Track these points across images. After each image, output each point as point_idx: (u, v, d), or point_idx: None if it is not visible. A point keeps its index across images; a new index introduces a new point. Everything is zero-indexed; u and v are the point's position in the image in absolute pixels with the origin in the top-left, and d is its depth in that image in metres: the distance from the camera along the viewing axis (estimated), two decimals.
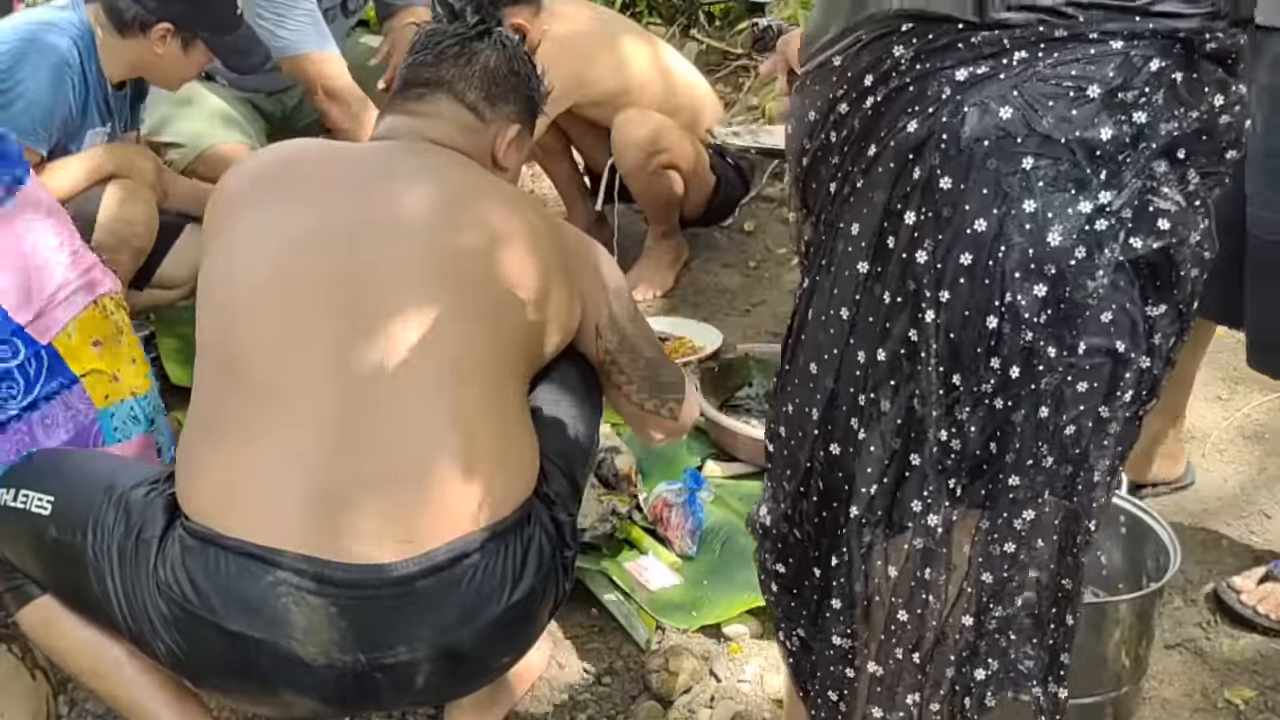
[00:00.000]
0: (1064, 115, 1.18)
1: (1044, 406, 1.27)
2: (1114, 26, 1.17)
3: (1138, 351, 1.26)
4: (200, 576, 1.63)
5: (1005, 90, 1.19)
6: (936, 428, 1.31)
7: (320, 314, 1.72)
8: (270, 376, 1.70)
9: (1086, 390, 1.26)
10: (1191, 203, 1.24)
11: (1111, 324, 1.24)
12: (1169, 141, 1.21)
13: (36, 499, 1.79)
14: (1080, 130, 1.18)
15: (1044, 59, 1.18)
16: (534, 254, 1.83)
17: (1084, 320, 1.23)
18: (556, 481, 1.83)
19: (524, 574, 1.70)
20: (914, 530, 1.36)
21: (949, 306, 1.25)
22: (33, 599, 1.83)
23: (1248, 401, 2.97)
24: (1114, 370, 1.26)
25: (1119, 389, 1.27)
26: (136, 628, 1.70)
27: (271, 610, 1.61)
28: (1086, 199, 1.20)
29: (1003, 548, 1.35)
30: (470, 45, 1.98)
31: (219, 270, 1.80)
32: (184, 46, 2.76)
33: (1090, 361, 1.25)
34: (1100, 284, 1.21)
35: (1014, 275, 1.21)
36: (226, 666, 1.68)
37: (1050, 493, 1.33)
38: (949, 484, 1.33)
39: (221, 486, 1.67)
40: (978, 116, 1.19)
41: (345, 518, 1.62)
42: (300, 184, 1.87)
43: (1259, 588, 2.31)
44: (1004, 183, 1.20)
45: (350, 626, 1.62)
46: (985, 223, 1.21)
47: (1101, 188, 1.20)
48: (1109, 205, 1.20)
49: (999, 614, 1.38)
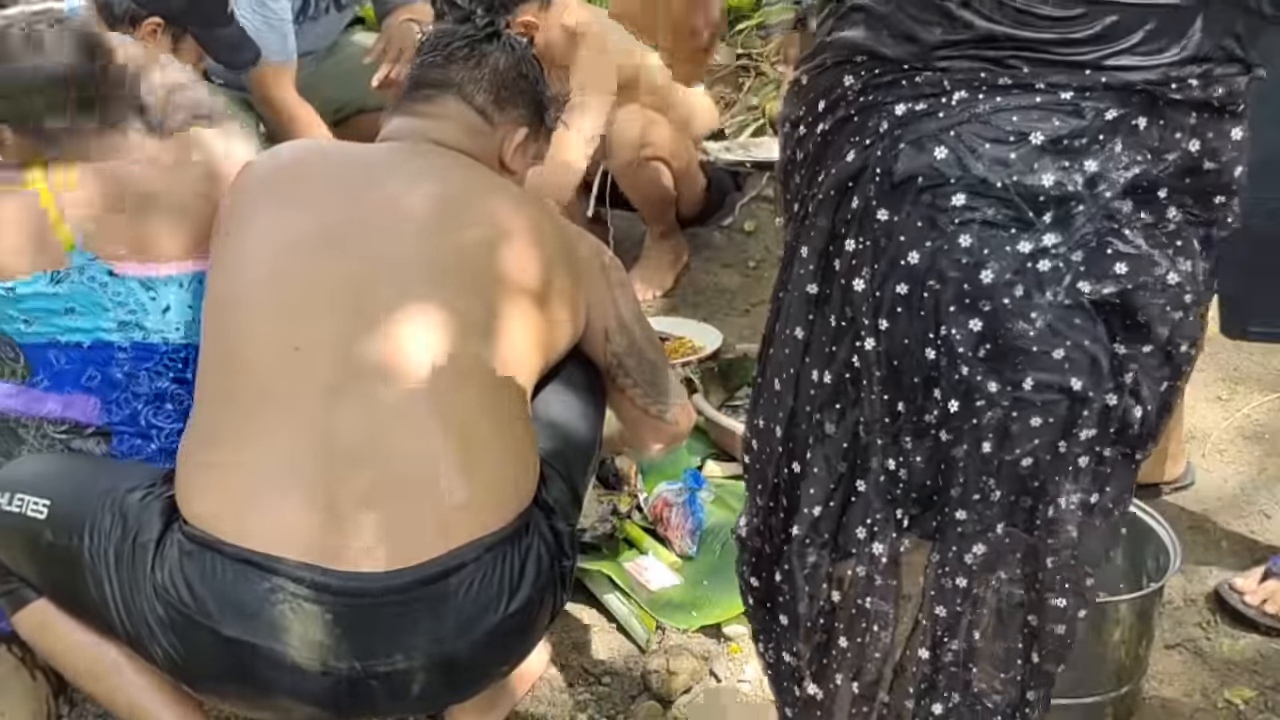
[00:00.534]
0: (1000, 159, 1.18)
1: (986, 441, 1.26)
2: (1061, 79, 1.17)
3: (1098, 389, 1.25)
4: (197, 581, 1.63)
5: (941, 129, 1.20)
6: (882, 455, 1.31)
7: (319, 317, 1.72)
8: (269, 380, 1.70)
9: (1040, 425, 1.25)
10: (1172, 242, 1.23)
11: (1065, 361, 1.23)
12: (1134, 183, 1.20)
13: (32, 503, 1.78)
14: (1018, 175, 1.18)
15: (984, 102, 1.18)
16: (537, 255, 1.83)
17: (1029, 357, 1.22)
18: (556, 488, 1.83)
19: (521, 584, 1.70)
20: (857, 557, 1.36)
21: (889, 334, 1.26)
22: (28, 603, 1.84)
23: (1248, 401, 2.97)
24: (1071, 407, 1.25)
25: (1077, 426, 1.26)
26: (134, 631, 1.70)
27: (268, 616, 1.61)
28: (1028, 240, 1.19)
29: (954, 581, 1.34)
30: (479, 47, 1.98)
31: (221, 272, 1.80)
32: (174, 42, 2.75)
33: (1041, 397, 1.24)
34: (1037, 324, 1.21)
35: (949, 309, 1.22)
36: (223, 671, 1.67)
37: (1005, 526, 1.32)
38: (896, 514, 1.33)
39: (219, 491, 1.67)
40: (912, 153, 1.21)
41: (343, 525, 1.62)
42: (304, 186, 1.87)
43: (1261, 587, 2.30)
44: (938, 218, 1.20)
45: (346, 634, 1.62)
46: (918, 255, 1.22)
47: (1047, 230, 1.19)
48: (1054, 248, 1.20)
49: (955, 647, 1.37)
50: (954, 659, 1.37)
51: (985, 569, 1.33)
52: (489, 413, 1.73)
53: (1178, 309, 1.24)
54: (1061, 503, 1.30)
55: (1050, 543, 1.32)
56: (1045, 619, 1.36)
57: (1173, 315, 1.24)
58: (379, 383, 1.68)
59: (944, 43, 1.19)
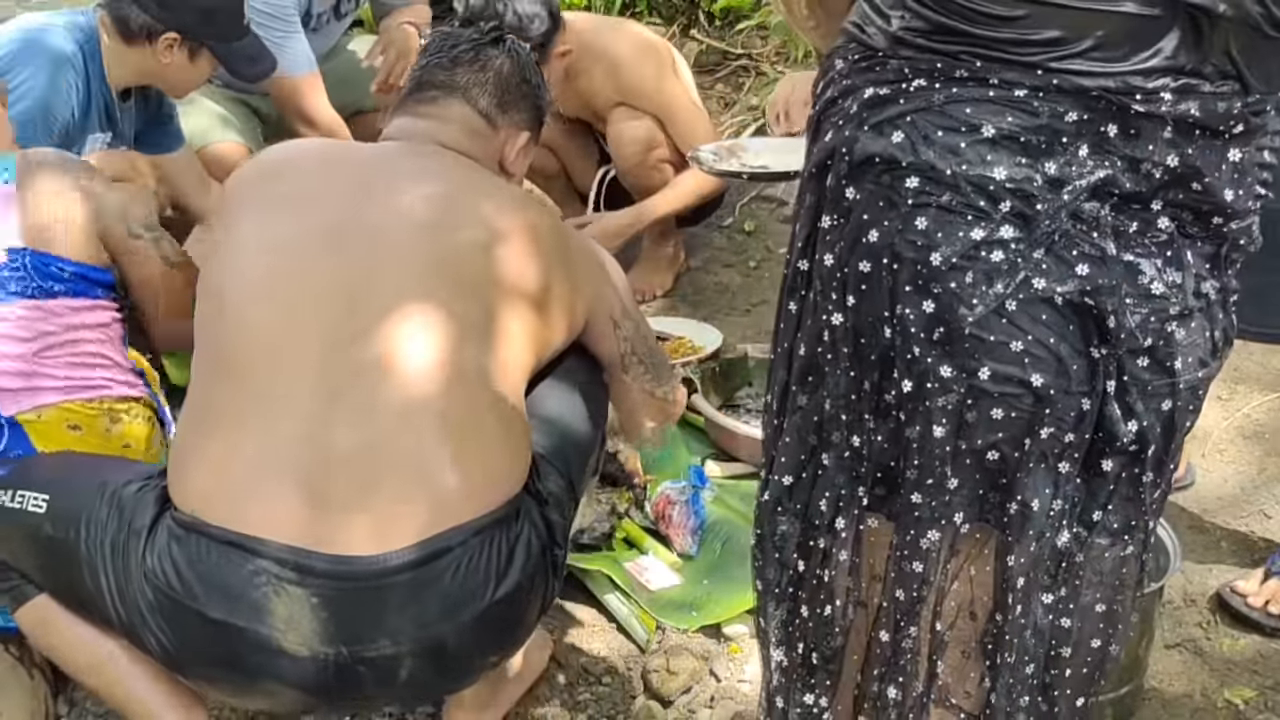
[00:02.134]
0: (951, 147, 1.19)
1: (938, 426, 1.26)
2: (1014, 77, 1.18)
3: (1064, 390, 1.23)
4: (184, 564, 1.65)
5: (899, 115, 1.22)
6: (845, 431, 1.32)
7: (315, 314, 1.73)
8: (264, 375, 1.71)
9: (1002, 418, 1.25)
10: (1162, 252, 1.22)
11: (1025, 355, 1.22)
12: (1108, 189, 1.19)
13: (32, 498, 1.81)
14: (967, 165, 1.19)
15: (940, 91, 1.20)
16: (535, 252, 1.83)
17: (985, 345, 1.22)
18: (552, 481, 1.83)
19: (509, 570, 1.70)
20: (820, 529, 1.37)
21: (855, 311, 1.27)
22: (29, 599, 1.85)
23: (1248, 401, 2.97)
24: (1036, 404, 1.24)
25: (1041, 423, 1.25)
26: (128, 620, 1.72)
27: (251, 599, 1.62)
28: (980, 228, 1.20)
29: (911, 565, 1.34)
30: (484, 51, 2.00)
31: (220, 269, 1.81)
32: (190, 55, 2.76)
33: (999, 389, 1.23)
34: (990, 314, 1.21)
35: (904, 289, 1.23)
36: (211, 656, 1.68)
37: (968, 517, 1.31)
38: (858, 490, 1.34)
39: (210, 477, 1.68)
40: (873, 136, 1.23)
41: (330, 510, 1.63)
42: (302, 185, 1.87)
43: (1263, 588, 2.30)
44: (896, 199, 1.22)
45: (332, 618, 1.62)
46: (877, 234, 1.23)
47: (1004, 223, 1.19)
48: (1013, 242, 1.20)
49: (913, 634, 1.36)
50: (914, 645, 1.37)
51: (943, 557, 1.33)
52: (481, 404, 1.73)
53: (1165, 320, 1.23)
54: (1035, 505, 1.28)
55: (1021, 544, 1.30)
56: (1009, 625, 1.34)
57: (1159, 326, 1.23)
58: (373, 378, 1.69)
59: (905, 30, 1.21)
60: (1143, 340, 1.22)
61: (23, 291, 2.02)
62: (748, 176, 2.57)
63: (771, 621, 1.46)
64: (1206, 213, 1.21)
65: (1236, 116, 1.19)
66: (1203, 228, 1.22)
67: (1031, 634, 1.35)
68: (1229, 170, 1.20)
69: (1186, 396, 1.27)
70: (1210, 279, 1.25)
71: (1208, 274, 1.25)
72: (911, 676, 1.38)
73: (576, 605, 2.29)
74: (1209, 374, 1.29)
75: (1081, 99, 1.17)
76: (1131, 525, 1.33)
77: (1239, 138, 1.20)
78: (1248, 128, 1.20)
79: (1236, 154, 1.20)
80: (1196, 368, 1.26)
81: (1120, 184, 1.19)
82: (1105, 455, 1.28)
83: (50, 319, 2.03)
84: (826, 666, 1.42)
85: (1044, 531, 1.29)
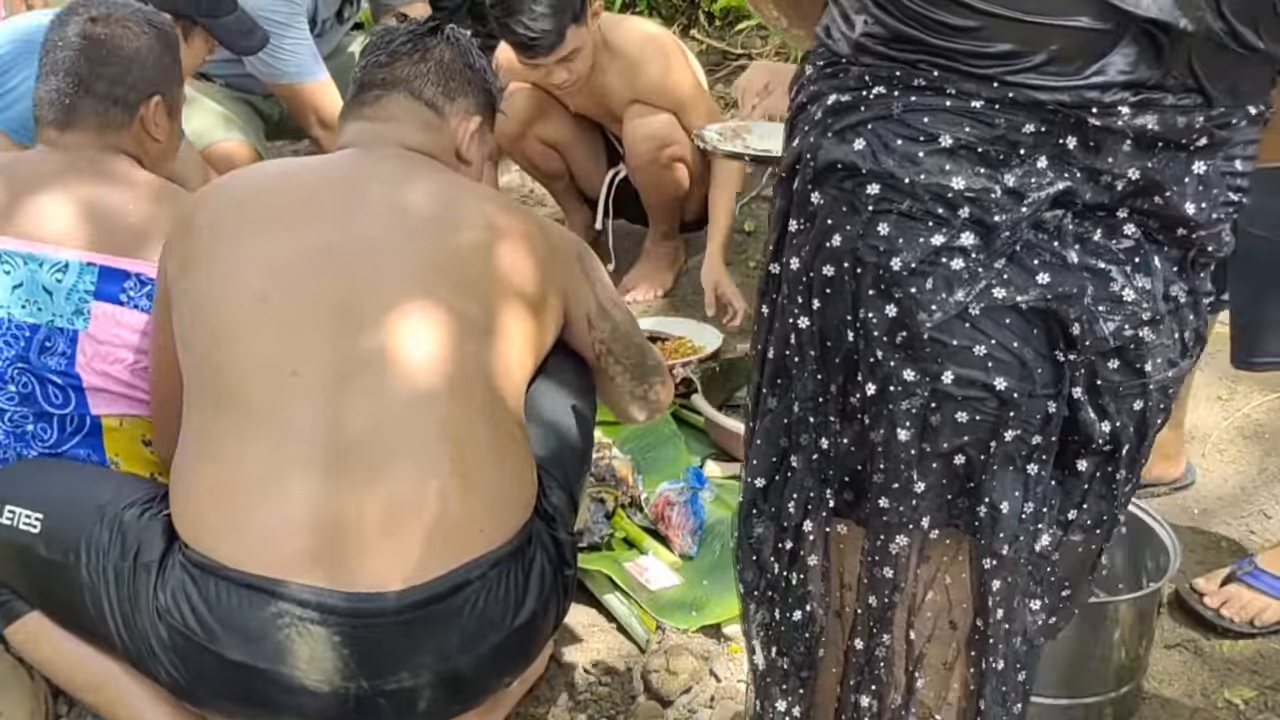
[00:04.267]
0: (910, 156, 1.20)
1: (903, 429, 1.26)
2: (971, 88, 1.18)
3: (1029, 393, 1.24)
4: (201, 606, 1.63)
5: (860, 122, 1.22)
6: (814, 434, 1.32)
7: (311, 337, 1.70)
8: (264, 402, 1.68)
9: (967, 422, 1.25)
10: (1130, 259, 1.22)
11: (988, 359, 1.22)
12: (1069, 199, 1.19)
13: (24, 516, 1.77)
14: (925, 174, 1.19)
15: (899, 100, 1.20)
16: (526, 259, 1.82)
17: (948, 350, 1.22)
18: (555, 495, 1.83)
19: (526, 598, 1.70)
20: (789, 532, 1.37)
21: (821, 314, 1.27)
22: (20, 615, 1.83)
23: (1248, 401, 2.97)
24: (1000, 407, 1.24)
25: (1005, 426, 1.25)
26: (135, 649, 1.70)
27: (274, 641, 1.60)
28: (941, 235, 1.20)
29: (881, 571, 1.34)
30: (423, 42, 1.97)
31: (206, 296, 1.76)
32: (184, 35, 2.76)
33: (963, 393, 1.24)
34: (951, 320, 1.21)
35: (867, 293, 1.23)
36: (229, 693, 1.68)
37: (936, 522, 1.31)
38: (826, 494, 1.34)
39: (220, 514, 1.66)
40: (835, 142, 1.23)
41: (346, 545, 1.62)
42: (281, 205, 1.84)
43: (1221, 590, 2.29)
44: (858, 205, 1.23)
45: (353, 654, 1.62)
46: (840, 238, 1.24)
47: (964, 231, 1.20)
48: (973, 251, 1.20)
49: (886, 641, 1.36)
50: (888, 654, 1.37)
51: (912, 564, 1.33)
52: (489, 426, 1.73)
53: (1135, 325, 1.23)
54: (1004, 508, 1.28)
55: (993, 547, 1.30)
56: (992, 631, 1.34)
57: (1130, 331, 1.23)
58: (376, 403, 1.67)
59: (867, 36, 1.22)
60: (1116, 345, 1.23)
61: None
62: (750, 159, 2.55)
63: (753, 624, 1.46)
64: (1173, 223, 1.22)
65: (1200, 130, 1.18)
66: (1168, 235, 1.23)
67: (1021, 640, 1.35)
68: (1193, 183, 1.20)
69: (1157, 396, 1.28)
70: (1179, 282, 1.25)
71: (1176, 278, 1.25)
72: (887, 686, 1.38)
73: (576, 605, 2.28)
74: (1179, 373, 1.29)
75: (1037, 111, 1.17)
76: (1103, 520, 1.35)
77: (1203, 150, 1.20)
78: (1213, 141, 1.19)
79: (1201, 167, 1.20)
80: (1166, 368, 1.27)
81: (1081, 195, 1.19)
82: (1080, 456, 1.29)
83: None
84: (798, 673, 1.42)
85: (1017, 535, 1.29)
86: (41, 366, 1.95)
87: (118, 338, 1.98)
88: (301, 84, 3.32)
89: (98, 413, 1.99)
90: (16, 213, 1.99)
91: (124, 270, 1.98)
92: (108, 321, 1.97)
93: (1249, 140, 1.22)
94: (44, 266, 1.96)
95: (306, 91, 3.34)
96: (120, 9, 2.11)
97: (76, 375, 1.97)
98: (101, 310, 1.97)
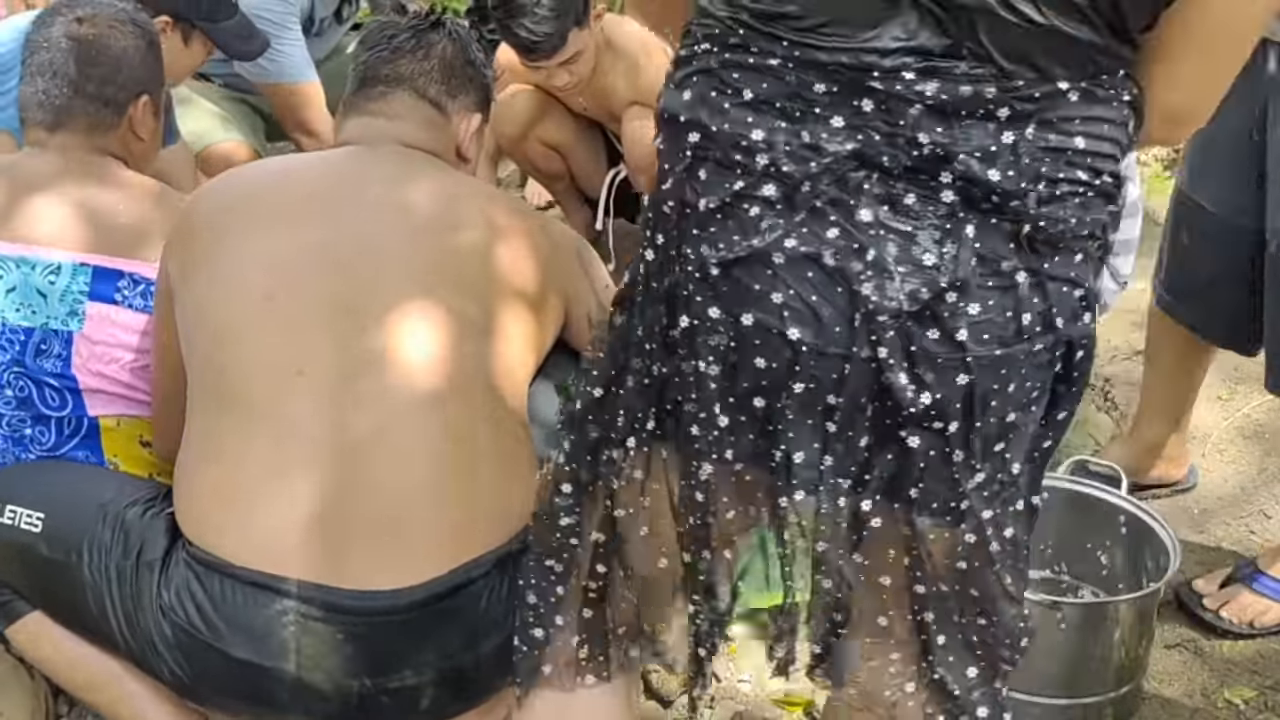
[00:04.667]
0: (719, 108, 1.27)
1: (707, 364, 1.31)
2: (766, 46, 1.25)
3: (819, 350, 1.25)
4: (205, 603, 1.63)
5: (689, 74, 1.31)
6: (643, 359, 1.39)
7: (314, 336, 1.70)
8: (268, 401, 1.68)
9: (764, 367, 1.29)
10: (942, 225, 1.22)
11: (784, 307, 1.25)
12: (871, 158, 1.22)
13: (25, 515, 1.77)
14: (729, 125, 1.26)
15: (717, 56, 1.28)
16: (527, 258, 1.82)
17: (749, 294, 1.27)
18: None
19: None
20: (614, 442, 1.45)
21: (659, 249, 1.35)
22: (22, 615, 1.83)
23: (1248, 401, 2.97)
24: (793, 357, 1.27)
25: (797, 379, 1.27)
26: (138, 649, 1.70)
27: (278, 639, 1.61)
28: (740, 181, 1.26)
29: (694, 495, 1.40)
30: (426, 37, 1.95)
31: (208, 296, 1.76)
32: (184, 39, 2.76)
33: (759, 337, 1.27)
34: (722, 258, 1.27)
35: (690, 232, 1.30)
36: (232, 690, 1.68)
37: (739, 457, 1.35)
38: (650, 416, 1.41)
39: (224, 512, 1.66)
40: (673, 94, 1.33)
41: (350, 543, 1.62)
42: (282, 202, 1.83)
43: (1221, 591, 2.29)
44: (684, 151, 1.30)
45: (356, 652, 1.62)
46: (671, 181, 1.32)
47: (764, 182, 1.25)
48: (772, 200, 1.25)
49: (707, 557, 1.44)
50: (709, 568, 1.44)
51: (718, 492, 1.39)
52: (490, 425, 1.72)
53: (934, 289, 1.23)
54: (797, 458, 1.31)
55: (790, 493, 1.34)
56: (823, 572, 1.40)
57: (928, 295, 1.23)
58: (379, 402, 1.67)
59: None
60: (909, 308, 1.23)
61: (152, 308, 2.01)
62: None
63: (560, 494, 1.52)
64: (984, 190, 1.22)
65: (995, 100, 1.20)
66: (989, 204, 1.23)
67: (837, 586, 1.39)
68: (1002, 152, 1.21)
69: (989, 375, 1.26)
70: (1013, 259, 1.24)
71: (1010, 254, 1.24)
72: (709, 596, 1.47)
73: None
74: (1013, 354, 1.27)
75: (824, 71, 1.22)
76: (951, 507, 1.33)
77: (1012, 121, 1.21)
78: (1017, 112, 1.20)
79: (1010, 136, 1.21)
80: (995, 345, 1.25)
81: (878, 156, 1.22)
82: (904, 428, 1.28)
83: None
84: (562, 554, 1.52)
85: (815, 485, 1.32)
86: (37, 369, 1.95)
87: (113, 338, 1.98)
88: (294, 84, 3.31)
89: (95, 414, 1.98)
90: (8, 215, 1.99)
91: (118, 270, 1.98)
92: (103, 322, 1.97)
93: (1090, 117, 1.23)
94: (37, 269, 1.96)
95: (291, 93, 3.32)
96: (105, 9, 2.11)
97: (73, 377, 1.96)
98: (96, 311, 1.97)
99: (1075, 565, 2.26)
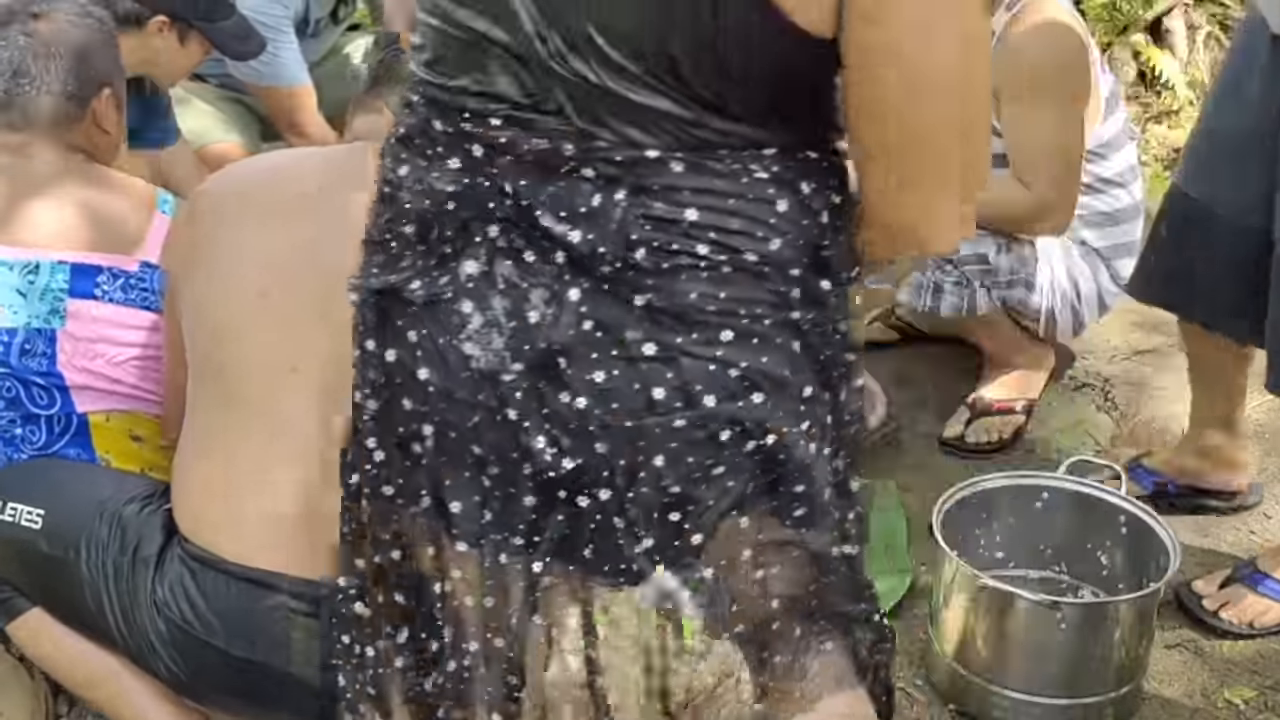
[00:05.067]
0: (387, 144, 1.29)
1: (370, 399, 1.32)
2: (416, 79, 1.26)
3: (448, 395, 1.22)
4: (199, 599, 1.64)
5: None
6: None
7: (308, 333, 1.70)
8: (263, 398, 1.69)
9: (411, 409, 1.26)
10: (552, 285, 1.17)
11: (417, 347, 1.24)
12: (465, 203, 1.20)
13: (26, 513, 1.78)
14: (388, 158, 1.28)
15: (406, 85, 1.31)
16: None
17: (394, 331, 1.26)
18: None
19: None
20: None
21: None
22: (22, 612, 1.83)
23: (1248, 401, 2.96)
24: (425, 399, 1.24)
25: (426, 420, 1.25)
26: (135, 645, 1.71)
27: (271, 635, 1.62)
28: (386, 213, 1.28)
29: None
30: None
31: (206, 294, 1.77)
32: (180, 38, 2.75)
33: (399, 376, 1.26)
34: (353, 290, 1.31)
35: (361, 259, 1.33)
36: (226, 686, 1.69)
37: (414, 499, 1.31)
38: None
39: (217, 508, 1.67)
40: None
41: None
42: (275, 199, 1.83)
43: (1221, 592, 2.29)
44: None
45: None
46: None
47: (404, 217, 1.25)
48: (411, 237, 1.26)
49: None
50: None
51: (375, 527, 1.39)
52: None
53: (533, 348, 1.18)
54: (454, 508, 1.26)
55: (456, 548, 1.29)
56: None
57: (530, 351, 1.18)
58: None
59: None
60: (512, 364, 1.19)
61: (138, 302, 2.01)
62: None
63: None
64: (570, 251, 1.17)
65: (576, 158, 1.15)
66: (604, 274, 1.16)
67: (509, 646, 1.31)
68: (593, 214, 1.15)
69: (622, 444, 1.18)
70: (637, 330, 1.16)
71: (635, 325, 1.16)
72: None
73: None
74: (644, 426, 1.18)
75: (443, 110, 1.21)
76: (622, 569, 1.25)
77: (604, 183, 1.15)
78: (605, 175, 1.15)
79: (599, 199, 1.15)
80: (625, 416, 1.18)
81: (481, 204, 1.19)
82: (557, 488, 1.22)
83: (150, 334, 2.02)
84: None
85: (479, 538, 1.26)
86: (23, 369, 1.95)
87: (96, 333, 1.98)
88: (287, 88, 3.30)
89: (83, 410, 1.98)
90: None
91: (95, 265, 1.98)
92: (85, 318, 1.98)
93: (705, 190, 1.15)
94: (14, 270, 1.95)
95: (286, 95, 3.31)
96: (59, 4, 2.10)
97: (59, 374, 1.96)
98: (77, 307, 1.97)
99: (1075, 565, 2.25)
